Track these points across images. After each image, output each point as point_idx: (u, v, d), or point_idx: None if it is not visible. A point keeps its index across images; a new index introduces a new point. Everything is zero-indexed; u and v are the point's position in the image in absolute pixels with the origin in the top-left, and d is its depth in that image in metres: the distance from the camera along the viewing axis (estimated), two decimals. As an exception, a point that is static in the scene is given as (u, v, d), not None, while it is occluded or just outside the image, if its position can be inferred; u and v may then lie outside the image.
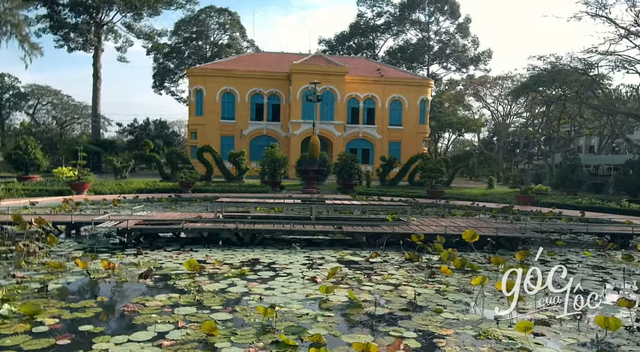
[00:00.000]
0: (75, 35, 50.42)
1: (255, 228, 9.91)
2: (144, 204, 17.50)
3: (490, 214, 16.27)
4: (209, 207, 16.57)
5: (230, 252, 9.24)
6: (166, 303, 5.92)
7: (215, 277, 7.26)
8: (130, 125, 64.84)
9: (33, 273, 7.29)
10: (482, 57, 72.54)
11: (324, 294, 6.18)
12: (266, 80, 50.49)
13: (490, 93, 53.64)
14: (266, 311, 5.15)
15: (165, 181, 29.02)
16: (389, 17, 75.69)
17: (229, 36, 75.30)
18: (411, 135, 51.73)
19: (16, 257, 8.14)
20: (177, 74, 76.14)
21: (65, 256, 8.57)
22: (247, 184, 26.68)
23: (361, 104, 51.44)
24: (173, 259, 8.49)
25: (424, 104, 52.45)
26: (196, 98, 50.56)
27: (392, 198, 20.85)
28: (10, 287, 6.46)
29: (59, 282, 6.80)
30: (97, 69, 52.11)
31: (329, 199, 13.53)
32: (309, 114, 48.53)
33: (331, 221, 11.09)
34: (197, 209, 16.76)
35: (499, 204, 19.29)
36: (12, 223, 10.43)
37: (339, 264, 8.37)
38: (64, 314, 5.46)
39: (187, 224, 9.96)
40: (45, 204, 15.76)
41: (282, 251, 9.43)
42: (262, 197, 16.36)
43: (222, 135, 50.05)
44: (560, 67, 33.28)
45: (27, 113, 76.79)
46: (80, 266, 7.13)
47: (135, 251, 9.07)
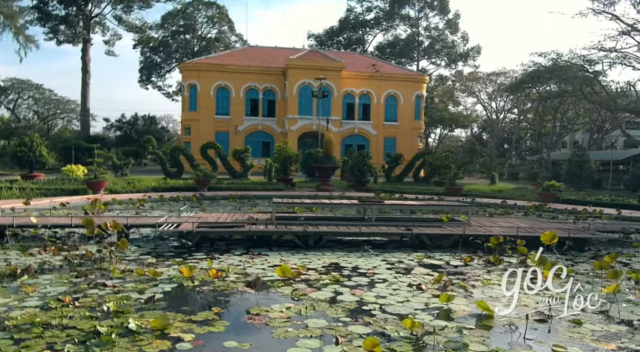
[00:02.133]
0: (65, 28, 49.00)
1: (321, 230, 9.63)
2: (170, 203, 17.04)
3: (522, 212, 16.23)
4: (239, 207, 16.21)
5: (301, 256, 8.94)
6: (288, 314, 5.62)
7: (312, 284, 6.98)
8: (118, 121, 63.54)
9: (121, 281, 6.92)
10: (471, 53, 72.95)
11: (444, 303, 5.95)
12: (261, 75, 49.89)
13: (484, 89, 53.95)
14: (413, 323, 4.91)
15: (169, 178, 28.43)
16: (378, 12, 75.55)
17: (217, 30, 74.26)
18: (406, 131, 51.75)
19: (91, 264, 7.75)
20: (164, 68, 74.88)
21: (136, 261, 8.18)
22: (259, 182, 26.30)
23: (357, 100, 51.25)
24: (253, 264, 8.17)
25: (419, 99, 52.51)
26: (190, 93, 49.70)
27: (416, 196, 20.70)
28: (112, 298, 6.09)
29: (158, 291, 6.45)
30: (85, 62, 50.83)
31: (365, 198, 13.31)
32: (305, 110, 48.23)
33: (388, 221, 10.86)
34: (227, 208, 16.36)
35: (528, 201, 19.13)
36: (58, 226, 10.01)
37: (421, 268, 8.18)
38: (194, 327, 5.13)
39: (252, 227, 9.63)
40: (74, 205, 15.19)
41: (354, 254, 9.17)
42: (314, 198, 16.02)
43: (216, 131, 49.31)
44: (562, 64, 33.58)
45: (7, 108, 74.60)
46: (186, 274, 6.76)
47: (205, 255, 8.73)
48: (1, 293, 6.26)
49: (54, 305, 5.78)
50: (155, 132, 62.29)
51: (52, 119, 77.65)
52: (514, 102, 51.91)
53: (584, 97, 34.68)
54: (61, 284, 6.76)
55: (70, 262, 7.79)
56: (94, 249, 8.67)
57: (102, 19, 52.00)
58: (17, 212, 12.96)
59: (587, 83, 33.56)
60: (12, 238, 9.93)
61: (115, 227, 8.41)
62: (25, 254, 8.51)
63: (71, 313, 5.52)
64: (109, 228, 8.33)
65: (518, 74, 50.42)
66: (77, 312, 5.57)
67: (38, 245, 9.42)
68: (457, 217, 11.42)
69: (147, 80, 73.71)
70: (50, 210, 13.80)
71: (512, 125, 57.87)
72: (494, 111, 55.06)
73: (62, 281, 6.94)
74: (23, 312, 5.54)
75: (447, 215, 11.37)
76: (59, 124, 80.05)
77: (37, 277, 7.07)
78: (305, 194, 22.28)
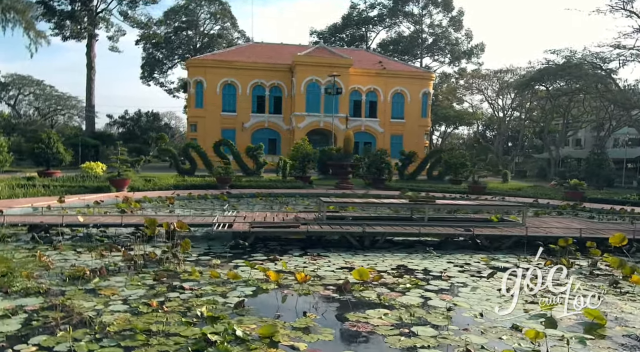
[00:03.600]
0: (70, 24, 48.44)
1: (379, 231, 9.43)
2: (199, 201, 16.80)
3: (555, 212, 16.09)
4: (270, 205, 15.98)
5: (362, 257, 8.75)
6: (389, 321, 5.41)
7: (392, 288, 6.78)
8: (122, 117, 63.17)
9: (196, 284, 6.70)
10: (475, 50, 72.81)
11: (547, 310, 5.76)
12: (268, 71, 49.61)
13: (492, 86, 53.84)
14: (537, 334, 4.72)
15: (181, 175, 28.17)
16: (382, 9, 75.26)
17: (220, 26, 73.77)
18: (413, 128, 51.61)
19: (156, 265, 7.53)
20: (166, 64, 74.42)
21: (197, 262, 7.96)
22: (276, 179, 26.10)
23: (363, 97, 51.06)
24: (320, 266, 7.97)
25: (426, 97, 52.36)
26: (196, 90, 49.37)
27: (444, 195, 20.53)
28: (197, 302, 5.88)
29: (240, 295, 6.24)
30: (91, 58, 50.32)
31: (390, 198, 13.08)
32: (313, 107, 47.99)
33: (439, 221, 10.66)
34: (257, 207, 16.14)
35: (553, 200, 18.99)
36: (106, 225, 9.78)
37: (490, 269, 8.00)
38: (300, 335, 4.91)
39: (309, 227, 9.42)
40: (107, 203, 14.94)
41: (415, 255, 8.99)
42: (364, 197, 15.76)
43: (223, 128, 49.00)
44: (575, 61, 33.49)
45: (8, 104, 73.96)
46: (273, 278, 6.55)
47: (264, 256, 8.54)
48: (82, 297, 6.04)
49: (143, 309, 5.57)
50: (158, 128, 61.89)
51: (52, 116, 77.01)
52: (521, 99, 51.81)
53: (599, 95, 34.62)
54: (136, 287, 6.55)
55: (135, 263, 7.57)
56: (150, 249, 8.46)
57: (108, 15, 51.47)
58: (53, 211, 12.71)
59: (600, 81, 33.47)
60: (57, 237, 9.72)
61: (181, 228, 8.18)
62: (95, 254, 8.29)
63: (164, 318, 5.31)
64: (175, 229, 8.09)
65: (525, 71, 50.46)
66: (171, 317, 5.36)
67: (90, 245, 9.21)
68: (506, 217, 11.26)
69: (149, 77, 73.19)
70: (84, 208, 13.57)
71: (516, 123, 57.84)
72: (501, 109, 54.96)
73: (136, 283, 6.72)
74: (115, 317, 5.33)
75: (496, 215, 11.20)
76: (60, 121, 79.44)
77: (108, 279, 6.86)
78: (326, 192, 22.09)
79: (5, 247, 8.82)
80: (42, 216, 10.79)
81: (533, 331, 4.69)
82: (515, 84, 47.73)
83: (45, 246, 8.96)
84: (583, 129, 58.60)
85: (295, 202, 18.16)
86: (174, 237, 8.19)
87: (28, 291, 6.19)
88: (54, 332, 4.85)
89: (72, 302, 5.80)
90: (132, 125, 61.43)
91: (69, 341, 4.62)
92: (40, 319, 5.21)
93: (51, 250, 8.73)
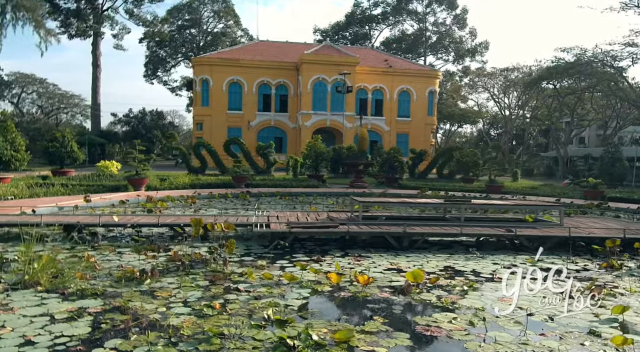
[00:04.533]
0: (77, 22, 48.24)
1: (420, 231, 9.34)
2: (221, 200, 16.70)
3: (580, 211, 15.99)
4: (293, 205, 15.87)
5: (405, 258, 8.64)
6: (461, 325, 5.28)
7: (449, 290, 6.69)
8: (126, 116, 62.93)
9: (248, 285, 6.61)
10: (479, 48, 72.75)
11: (618, 314, 5.66)
12: (274, 70, 49.50)
13: (497, 84, 53.71)
14: (625, 340, 4.62)
15: (192, 173, 28.09)
16: (385, 7, 75.18)
17: (223, 25, 73.54)
18: (419, 127, 51.58)
19: (203, 266, 7.43)
20: (170, 63, 74.24)
21: (241, 263, 7.86)
22: (289, 178, 26.01)
23: (369, 95, 51.00)
24: (367, 267, 7.88)
25: (432, 95, 52.32)
26: (202, 88, 49.26)
27: (464, 194, 20.44)
28: (258, 304, 5.79)
29: (300, 297, 6.15)
30: (96, 56, 50.18)
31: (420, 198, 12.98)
32: (320, 105, 47.88)
33: (475, 221, 10.57)
34: (278, 207, 16.02)
35: (589, 200, 18.77)
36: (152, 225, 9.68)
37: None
38: (377, 340, 4.82)
39: (349, 228, 9.32)
40: (131, 202, 14.84)
41: (458, 256, 8.90)
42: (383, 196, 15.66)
43: (229, 127, 48.96)
44: (586, 60, 33.42)
45: (11, 102, 73.74)
46: (334, 280, 6.46)
47: (306, 257, 8.46)
48: (141, 298, 5.95)
49: (207, 312, 5.47)
50: (162, 127, 61.71)
51: (55, 114, 76.82)
52: (527, 98, 51.71)
53: (611, 93, 34.57)
54: (191, 288, 6.45)
55: (182, 264, 7.47)
56: (187, 249, 8.38)
57: (114, 13, 51.31)
58: (82, 210, 12.61)
59: (610, 79, 33.42)
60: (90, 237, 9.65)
61: (228, 228, 8.08)
62: (139, 254, 8.22)
63: (231, 321, 5.23)
64: (223, 229, 7.99)
65: (533, 69, 50.37)
66: (238, 320, 5.27)
67: (131, 245, 9.12)
68: (540, 217, 11.18)
69: (152, 75, 73.02)
70: (108, 208, 13.47)
71: (520, 121, 57.73)
72: (507, 107, 54.86)
73: (188, 284, 6.62)
74: (182, 320, 5.23)
75: (530, 215, 11.12)
76: (63, 119, 79.28)
77: (160, 281, 6.76)
78: (343, 191, 22.02)
79: (43, 247, 8.72)
80: (77, 215, 10.67)
81: (620, 337, 4.59)
82: (522, 82, 47.63)
83: (83, 246, 8.87)
84: (587, 128, 58.61)
85: (316, 202, 18.05)
86: (219, 237, 8.09)
87: (84, 293, 6.10)
88: (127, 335, 4.76)
89: (133, 304, 5.71)
90: (137, 124, 61.19)
91: (146, 344, 4.54)
92: (107, 322, 5.12)
93: (90, 250, 8.64)
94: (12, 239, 9.54)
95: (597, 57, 33.08)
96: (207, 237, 10.01)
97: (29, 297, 5.91)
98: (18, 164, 17.88)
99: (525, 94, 48.60)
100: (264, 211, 12.24)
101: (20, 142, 17.99)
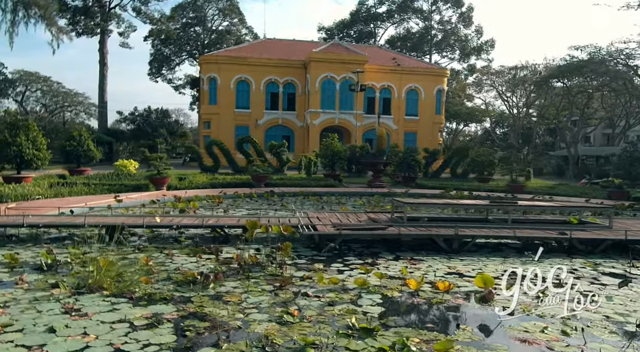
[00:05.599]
0: (85, 20, 47.92)
1: (473, 233, 9.18)
2: (246, 200, 16.52)
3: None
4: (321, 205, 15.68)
5: (459, 261, 8.47)
6: (556, 336, 5.09)
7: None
8: (131, 114, 62.60)
9: (315, 290, 6.43)
10: (485, 46, 72.49)
11: None
12: (281, 68, 49.23)
13: (506, 83, 53.49)
14: None
15: (204, 172, 27.86)
16: (390, 5, 74.87)
17: (228, 22, 73.23)
18: (427, 125, 51.36)
19: (260, 269, 7.26)
20: (174, 61, 73.89)
21: (296, 266, 7.67)
22: (302, 177, 25.84)
23: (377, 94, 50.73)
24: (423, 271, 7.70)
25: (440, 93, 52.09)
26: (209, 86, 49.01)
27: (489, 194, 20.27)
28: (335, 312, 5.61)
29: (373, 303, 5.98)
30: (103, 54, 49.91)
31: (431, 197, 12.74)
32: (328, 104, 47.65)
33: (522, 224, 10.37)
34: (312, 206, 15.84)
35: (619, 201, 18.57)
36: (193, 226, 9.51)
37: (602, 275, 7.77)
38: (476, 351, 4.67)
39: (399, 229, 9.15)
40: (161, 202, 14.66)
41: (513, 259, 8.73)
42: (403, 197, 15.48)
43: (236, 125, 48.71)
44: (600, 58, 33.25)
45: (15, 100, 73.36)
46: (413, 286, 6.28)
47: (359, 260, 8.29)
48: (212, 304, 5.77)
49: (288, 319, 5.30)
50: (168, 125, 61.41)
51: (59, 112, 76.48)
52: (535, 96, 51.52)
53: (626, 92, 34.42)
54: (258, 293, 6.28)
55: (241, 267, 7.30)
56: (234, 251, 8.20)
57: (122, 11, 51.00)
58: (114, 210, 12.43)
59: (624, 77, 33.28)
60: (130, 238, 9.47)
61: (286, 231, 7.90)
62: (196, 255, 8.07)
63: (315, 329, 5.06)
64: (282, 231, 7.81)
65: (542, 67, 50.18)
66: (321, 328, 5.10)
67: (173, 246, 8.94)
68: (584, 218, 11.03)
69: (157, 73, 72.64)
70: (138, 208, 13.30)
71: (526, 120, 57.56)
72: (515, 105, 54.67)
73: (254, 289, 6.45)
74: (265, 327, 5.06)
75: (574, 217, 10.94)
76: (67, 117, 78.94)
77: (223, 285, 6.59)
78: (359, 191, 21.87)
79: (89, 249, 8.54)
80: (117, 216, 10.46)
81: None
82: (532, 81, 47.44)
83: (130, 248, 8.69)
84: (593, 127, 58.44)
85: (342, 202, 17.88)
86: (274, 239, 7.91)
87: (152, 298, 5.93)
88: (217, 344, 4.59)
89: (207, 310, 5.54)
90: (142, 122, 60.87)
91: (243, 354, 4.37)
92: (191, 329, 4.95)
93: (137, 252, 8.47)
94: (54, 240, 9.38)
95: (612, 55, 32.94)
96: (276, 240, 9.81)
97: (98, 301, 5.74)
98: (40, 163, 17.68)
99: (535, 92, 48.36)
100: (298, 211, 12.05)
101: (41, 141, 17.78)
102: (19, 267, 7.28)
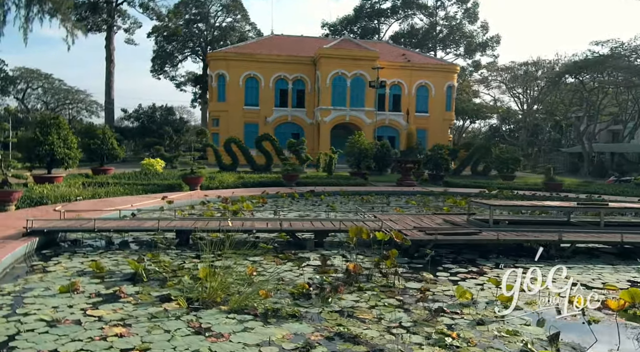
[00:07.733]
0: (92, 16, 46.95)
1: (572, 239, 8.59)
2: (286, 198, 15.94)
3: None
4: (374, 206, 15.12)
5: (568, 270, 7.89)
6: None
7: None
8: (135, 111, 61.65)
9: (447, 305, 5.84)
10: (490, 43, 72.04)
11: None
12: (290, 64, 48.50)
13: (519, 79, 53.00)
14: None
15: (223, 170, 27.18)
16: (395, 1, 74.26)
17: (231, 19, 72.36)
18: (437, 122, 50.74)
19: (366, 279, 6.67)
20: (177, 58, 72.99)
21: (404, 276, 7.08)
22: (325, 175, 25.27)
23: (387, 90, 50.06)
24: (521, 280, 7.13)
25: (450, 90, 51.53)
26: (218, 83, 48.23)
27: (524, 193, 19.72)
28: (491, 333, 5.02)
29: (522, 322, 5.40)
30: (110, 51, 49.02)
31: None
32: (339, 101, 47.00)
33: (615, 227, 9.76)
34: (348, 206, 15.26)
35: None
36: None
37: None
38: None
39: (498, 234, 8.56)
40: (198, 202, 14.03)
41: (623, 267, 8.14)
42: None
43: (245, 122, 47.98)
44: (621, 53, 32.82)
45: (17, 98, 72.21)
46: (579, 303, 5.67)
47: (464, 269, 7.70)
48: (348, 321, 5.16)
49: (452, 342, 4.70)
50: (173, 122, 60.52)
51: (60, 109, 75.39)
52: (547, 92, 51.08)
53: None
54: (387, 308, 5.68)
55: (351, 275, 6.69)
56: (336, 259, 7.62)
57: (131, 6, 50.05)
58: (167, 212, 11.80)
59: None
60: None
61: (397, 238, 7.28)
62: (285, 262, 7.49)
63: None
64: (396, 239, 7.20)
65: (552, 64, 49.75)
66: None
67: (254, 252, 8.30)
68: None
69: (160, 70, 71.72)
70: (186, 208, 12.67)
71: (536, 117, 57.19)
72: (525, 102, 54.22)
73: (378, 303, 5.85)
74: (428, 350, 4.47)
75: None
76: (68, 115, 77.86)
77: (342, 298, 5.98)
78: (388, 190, 21.28)
79: (166, 255, 7.93)
80: (185, 220, 9.73)
81: None
82: (545, 76, 46.99)
83: (209, 254, 8.02)
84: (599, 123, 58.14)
85: (385, 202, 17.31)
86: (379, 246, 7.31)
87: (277, 314, 5.31)
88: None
89: (352, 329, 4.94)
90: (147, 120, 59.97)
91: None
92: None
93: (217, 259, 7.80)
94: (122, 245, 8.75)
95: (636, 50, 32.53)
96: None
97: (222, 319, 5.13)
98: (71, 163, 16.97)
99: (548, 88, 47.92)
100: (363, 213, 11.45)
101: (72, 140, 17.06)
102: (108, 277, 6.65)
